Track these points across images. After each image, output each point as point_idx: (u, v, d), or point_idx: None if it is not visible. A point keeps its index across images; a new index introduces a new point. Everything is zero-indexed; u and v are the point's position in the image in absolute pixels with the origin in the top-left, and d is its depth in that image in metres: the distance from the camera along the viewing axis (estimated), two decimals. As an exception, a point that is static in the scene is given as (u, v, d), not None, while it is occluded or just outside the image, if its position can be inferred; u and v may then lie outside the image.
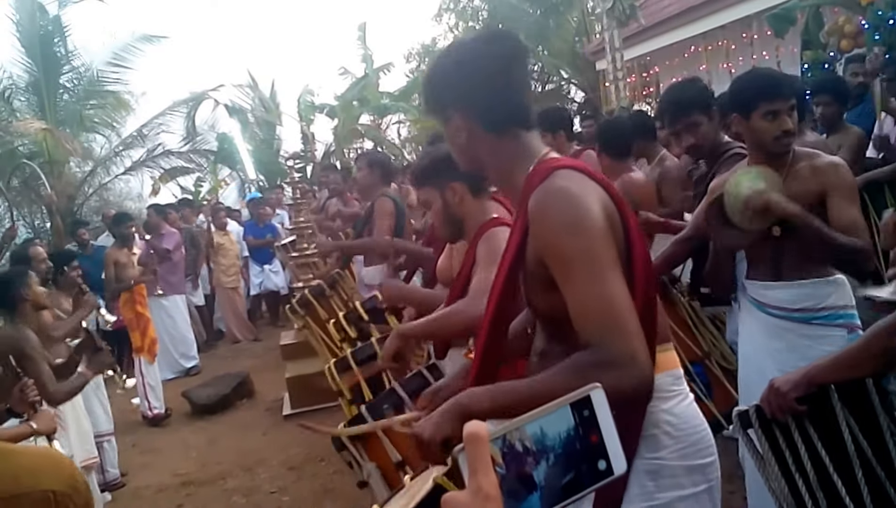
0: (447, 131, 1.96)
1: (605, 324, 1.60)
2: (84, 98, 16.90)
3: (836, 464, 2.17)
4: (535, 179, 1.80)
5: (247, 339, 11.87)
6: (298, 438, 6.64)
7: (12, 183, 15.42)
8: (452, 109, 1.91)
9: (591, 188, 1.76)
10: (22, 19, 15.89)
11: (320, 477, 5.81)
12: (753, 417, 2.29)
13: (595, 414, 0.94)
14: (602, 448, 0.94)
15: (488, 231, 2.93)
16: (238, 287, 12.00)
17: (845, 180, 3.00)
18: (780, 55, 10.70)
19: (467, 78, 1.86)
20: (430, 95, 2.00)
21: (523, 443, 0.90)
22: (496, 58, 1.85)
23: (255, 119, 20.13)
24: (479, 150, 1.93)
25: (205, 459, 6.77)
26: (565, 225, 1.68)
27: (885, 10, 6.97)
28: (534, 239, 1.78)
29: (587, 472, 0.93)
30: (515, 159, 1.89)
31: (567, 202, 1.70)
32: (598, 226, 1.68)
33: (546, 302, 1.84)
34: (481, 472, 0.84)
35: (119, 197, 19.59)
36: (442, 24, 24.99)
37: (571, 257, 1.66)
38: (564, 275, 1.68)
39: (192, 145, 18.89)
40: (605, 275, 1.64)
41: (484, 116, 1.87)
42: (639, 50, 13.69)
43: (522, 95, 1.92)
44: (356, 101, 20.12)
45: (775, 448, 2.24)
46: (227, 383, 8.53)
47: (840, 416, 2.21)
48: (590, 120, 8.71)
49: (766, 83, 3.09)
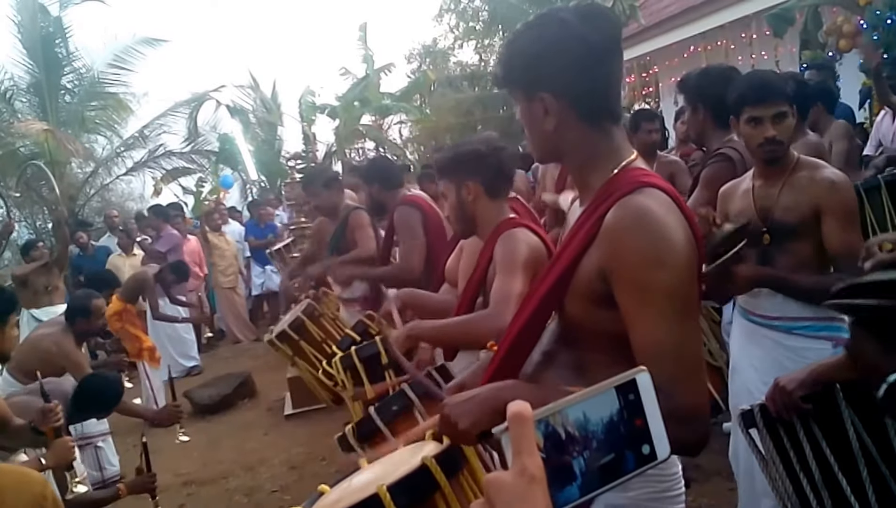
0: (528, 112, 1.77)
1: (678, 373, 1.51)
2: (85, 99, 16.93)
3: (841, 463, 2.13)
4: (618, 188, 1.66)
5: (248, 339, 11.86)
6: (300, 437, 6.67)
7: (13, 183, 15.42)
8: (544, 89, 1.71)
9: (677, 216, 1.62)
10: (23, 20, 15.93)
11: (322, 477, 5.80)
12: (758, 416, 2.26)
13: (640, 398, 0.94)
14: (646, 432, 0.93)
15: (506, 232, 2.89)
16: (236, 287, 11.98)
17: (842, 201, 2.84)
18: (779, 55, 10.72)
19: (571, 60, 1.66)
20: (516, 67, 1.77)
21: (565, 427, 0.89)
22: (601, 41, 1.67)
23: (256, 120, 20.12)
24: (565, 138, 1.74)
25: (206, 459, 6.78)
26: (650, 255, 1.55)
27: (883, 10, 7.00)
28: (605, 253, 1.63)
29: (630, 457, 0.93)
30: (600, 156, 1.74)
31: (653, 228, 1.56)
32: (684, 264, 1.57)
33: (584, 313, 1.73)
34: (526, 453, 0.82)
35: (121, 198, 19.61)
36: (443, 24, 25.04)
37: (653, 292, 1.54)
38: (638, 307, 1.56)
39: (194, 146, 18.87)
40: (683, 317, 1.56)
41: (580, 103, 1.70)
42: (638, 50, 13.66)
43: (619, 86, 1.76)
44: (357, 101, 20.10)
45: (780, 448, 2.22)
46: (228, 383, 8.55)
47: (845, 415, 2.18)
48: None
49: (750, 88, 3.02)
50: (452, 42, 25.44)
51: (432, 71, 23.27)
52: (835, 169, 2.94)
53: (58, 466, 3.61)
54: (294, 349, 5.15)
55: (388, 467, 1.88)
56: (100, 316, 5.59)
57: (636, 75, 14.63)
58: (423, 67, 25.03)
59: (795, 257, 2.93)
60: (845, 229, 2.81)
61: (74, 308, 5.57)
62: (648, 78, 14.91)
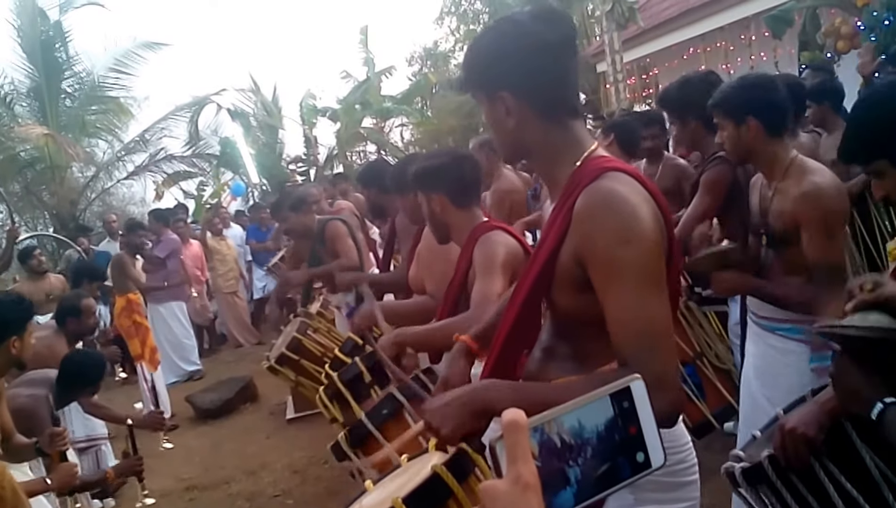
0: (490, 111, 1.82)
1: (646, 343, 1.58)
2: (86, 103, 16.94)
3: (866, 496, 1.87)
4: (583, 177, 1.71)
5: (249, 343, 11.85)
6: (302, 441, 6.68)
7: (13, 188, 15.46)
8: (503, 88, 1.76)
9: (643, 195, 1.68)
10: (23, 24, 15.94)
11: (324, 480, 5.82)
12: (769, 470, 1.98)
13: (635, 405, 0.95)
14: (641, 439, 0.95)
15: (482, 236, 2.97)
16: (237, 291, 11.96)
17: (816, 213, 2.78)
18: (778, 56, 10.72)
19: (526, 58, 1.72)
20: (476, 69, 1.84)
21: (560, 435, 0.90)
22: (556, 39, 1.72)
23: (257, 123, 20.07)
24: (526, 134, 1.80)
25: (208, 463, 6.79)
26: (617, 233, 1.60)
27: (881, 11, 7.01)
28: (577, 239, 1.68)
29: (625, 464, 0.94)
30: (563, 150, 1.79)
31: (619, 208, 1.62)
32: (650, 237, 1.62)
33: (570, 302, 1.78)
34: (521, 460, 0.83)
35: (122, 202, 19.55)
36: (443, 27, 25.04)
37: (622, 268, 1.59)
38: (609, 283, 1.62)
39: (195, 150, 18.85)
40: (651, 291, 1.60)
41: (538, 99, 1.76)
42: (639, 52, 13.70)
43: (576, 82, 1.81)
44: (359, 104, 20.09)
45: (798, 498, 1.97)
46: (230, 387, 8.55)
47: (858, 444, 1.89)
48: (600, 121, 8.77)
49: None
50: (453, 44, 25.48)
51: (433, 74, 23.28)
52: (820, 177, 2.85)
53: (62, 488, 3.59)
54: (296, 370, 5.18)
55: (396, 483, 1.92)
56: (90, 315, 5.52)
57: (636, 77, 14.64)
58: (425, 69, 25.06)
59: (787, 261, 2.94)
60: (820, 239, 2.78)
61: (65, 309, 5.48)
62: (648, 80, 14.92)
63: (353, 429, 2.85)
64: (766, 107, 2.97)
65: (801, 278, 2.87)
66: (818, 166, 2.93)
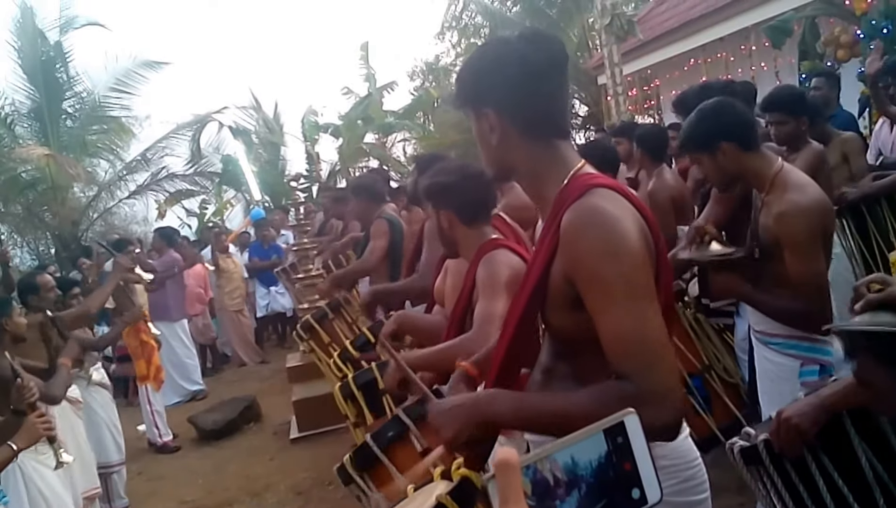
0: (477, 127, 1.86)
1: (643, 358, 1.56)
2: (87, 123, 17.00)
3: (856, 494, 1.98)
4: (569, 195, 1.72)
5: (253, 362, 11.84)
6: (306, 462, 6.64)
7: (15, 209, 15.49)
8: (487, 105, 1.80)
9: (629, 210, 1.69)
10: (23, 45, 16.03)
11: (328, 502, 5.78)
12: (763, 452, 2.07)
13: (629, 441, 0.93)
14: (636, 475, 0.92)
15: (487, 254, 2.94)
16: (243, 310, 11.95)
17: (793, 232, 2.81)
18: (779, 66, 10.75)
19: (509, 76, 1.75)
20: (464, 86, 1.88)
21: (553, 473, 0.89)
22: (541, 60, 1.74)
23: (259, 140, 20.12)
24: (510, 153, 1.83)
25: (212, 486, 6.74)
26: (604, 249, 1.61)
27: (879, 20, 7.02)
28: (565, 258, 1.69)
29: (620, 501, 0.91)
30: (548, 169, 1.81)
31: (603, 224, 1.63)
32: (637, 252, 1.62)
33: (564, 321, 1.78)
34: (513, 501, 0.82)
35: (124, 221, 19.63)
36: (444, 41, 25.08)
37: (609, 283, 1.60)
38: (600, 301, 1.62)
39: (197, 168, 18.92)
40: (643, 305, 1.60)
41: (520, 119, 1.78)
42: (640, 64, 13.75)
43: (563, 103, 1.83)
44: (360, 120, 20.12)
45: (788, 484, 2.06)
46: (233, 407, 8.50)
47: (855, 442, 1.99)
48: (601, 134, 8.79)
49: None
50: (454, 59, 25.49)
51: (435, 88, 23.29)
52: (799, 194, 2.84)
53: (31, 444, 3.60)
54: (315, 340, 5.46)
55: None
56: (49, 289, 5.68)
57: (638, 89, 14.70)
58: (426, 84, 25.10)
59: (774, 274, 2.95)
60: (799, 257, 2.81)
61: (23, 289, 5.72)
62: (650, 91, 14.97)
63: (358, 451, 2.82)
64: (732, 126, 2.99)
65: (787, 291, 2.88)
66: (800, 182, 2.92)
